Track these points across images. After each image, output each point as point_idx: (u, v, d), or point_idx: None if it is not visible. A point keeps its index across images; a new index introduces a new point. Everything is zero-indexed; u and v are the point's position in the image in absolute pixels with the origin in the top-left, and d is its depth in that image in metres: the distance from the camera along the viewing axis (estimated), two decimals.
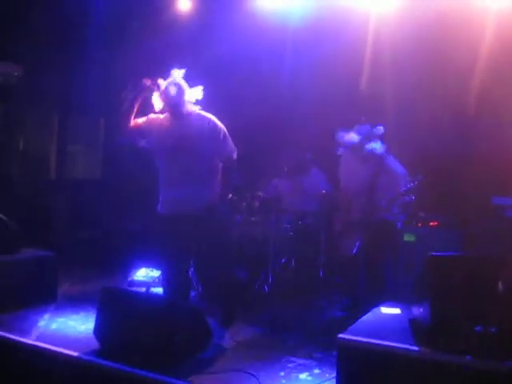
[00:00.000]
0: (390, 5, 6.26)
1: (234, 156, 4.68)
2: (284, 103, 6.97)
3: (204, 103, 4.67)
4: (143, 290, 5.85)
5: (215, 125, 4.58)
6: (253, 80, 6.90)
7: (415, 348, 3.08)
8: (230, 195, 4.83)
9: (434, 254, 3.24)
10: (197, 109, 4.63)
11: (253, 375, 3.85)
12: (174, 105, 4.54)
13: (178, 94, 4.51)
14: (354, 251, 5.17)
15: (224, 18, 6.71)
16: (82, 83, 7.16)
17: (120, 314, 4.20)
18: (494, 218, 4.94)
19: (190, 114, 4.60)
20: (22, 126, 8.01)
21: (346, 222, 5.36)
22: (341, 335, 3.29)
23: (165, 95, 4.53)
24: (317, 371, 3.99)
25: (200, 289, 5.85)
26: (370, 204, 5.17)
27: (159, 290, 6.01)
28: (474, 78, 5.66)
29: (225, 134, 4.60)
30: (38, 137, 8.33)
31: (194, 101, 4.62)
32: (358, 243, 5.17)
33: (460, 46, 5.56)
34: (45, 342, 4.32)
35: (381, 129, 5.15)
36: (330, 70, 6.30)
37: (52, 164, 8.44)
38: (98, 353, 4.13)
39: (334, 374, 3.71)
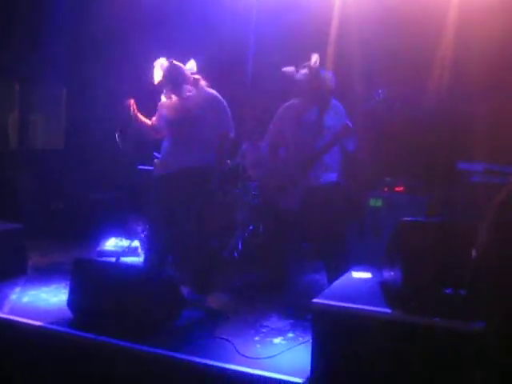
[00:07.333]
0: None
1: (231, 133, 4.86)
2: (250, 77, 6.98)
3: None
4: (113, 259, 5.86)
5: (219, 99, 4.79)
6: (218, 54, 6.84)
7: (388, 310, 3.17)
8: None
9: (405, 219, 3.31)
10: (203, 84, 4.83)
11: (228, 341, 3.92)
12: (173, 87, 4.76)
13: (173, 76, 4.73)
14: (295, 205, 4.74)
15: None
16: (44, 53, 7.02)
17: (94, 284, 4.22)
18: (460, 183, 5.04)
19: (192, 90, 4.79)
20: None
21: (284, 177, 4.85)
22: (315, 300, 3.35)
23: (164, 82, 4.75)
24: (290, 335, 4.08)
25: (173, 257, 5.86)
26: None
27: (129, 260, 6.05)
28: (440, 48, 5.75)
29: (227, 110, 4.80)
30: None
31: (191, 75, 4.80)
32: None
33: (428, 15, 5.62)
34: (17, 315, 4.31)
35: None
36: (295, 42, 6.26)
37: (14, 134, 8.27)
38: (72, 324, 4.15)
39: (308, 338, 3.82)
